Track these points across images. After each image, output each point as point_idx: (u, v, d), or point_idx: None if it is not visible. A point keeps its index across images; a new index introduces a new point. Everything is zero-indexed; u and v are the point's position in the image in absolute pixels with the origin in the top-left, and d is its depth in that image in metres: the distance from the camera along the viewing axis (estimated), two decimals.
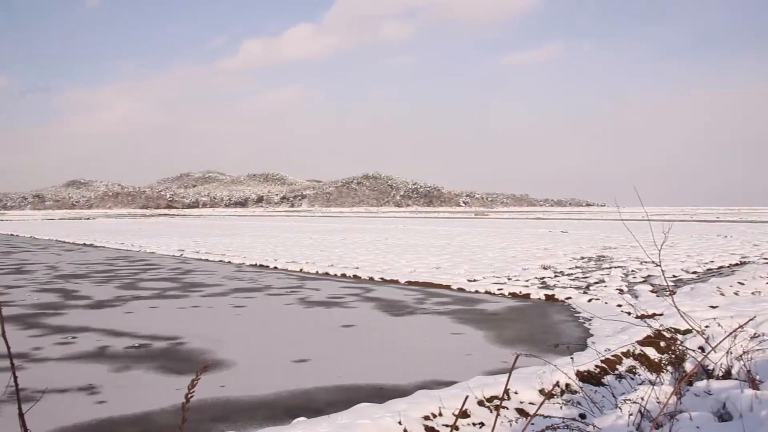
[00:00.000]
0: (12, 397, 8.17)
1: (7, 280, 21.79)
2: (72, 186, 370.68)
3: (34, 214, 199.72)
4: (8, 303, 16.24)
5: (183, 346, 11.10)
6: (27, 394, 8.25)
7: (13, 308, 15.40)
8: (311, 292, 17.68)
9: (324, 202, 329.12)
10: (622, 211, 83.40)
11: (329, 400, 7.96)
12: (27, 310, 15.22)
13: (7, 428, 7.07)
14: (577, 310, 14.31)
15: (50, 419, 7.15)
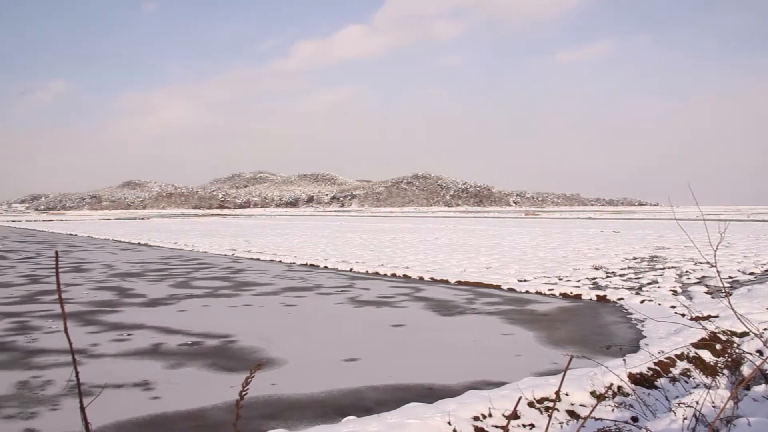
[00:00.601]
0: (71, 391, 8.40)
1: (67, 278, 22.35)
2: (127, 187, 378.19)
3: (92, 214, 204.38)
4: (68, 300, 16.66)
5: (234, 344, 11.25)
6: (85, 388, 8.46)
7: (72, 305, 15.81)
8: (361, 292, 17.76)
9: (374, 202, 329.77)
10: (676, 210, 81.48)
11: (379, 399, 8.00)
12: (85, 307, 15.61)
13: (67, 420, 7.28)
14: (629, 311, 14.10)
15: (107, 413, 7.33)
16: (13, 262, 29.73)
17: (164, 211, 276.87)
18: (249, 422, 7.07)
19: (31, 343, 11.59)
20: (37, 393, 8.48)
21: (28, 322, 13.73)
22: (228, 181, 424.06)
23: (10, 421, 7.40)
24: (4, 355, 10.66)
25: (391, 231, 53.28)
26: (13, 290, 19.26)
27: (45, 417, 7.51)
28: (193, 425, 7.18)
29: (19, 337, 12.15)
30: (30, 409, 7.81)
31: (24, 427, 7.17)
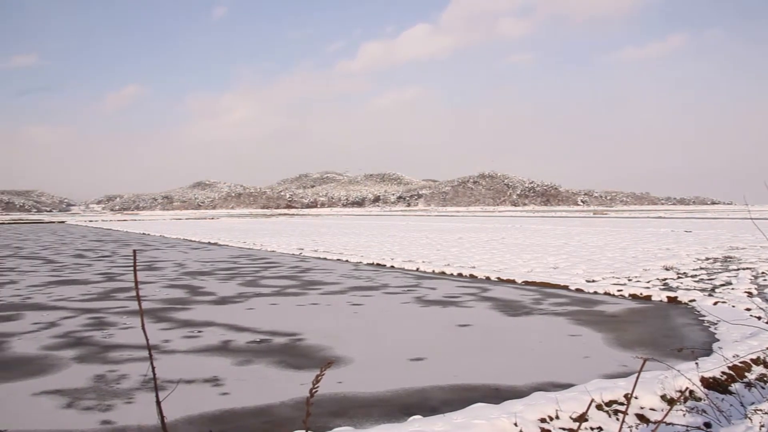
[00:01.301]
0: (145, 385, 8.66)
1: (140, 276, 22.97)
2: (197, 187, 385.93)
3: (163, 215, 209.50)
4: (142, 298, 17.01)
5: (302, 342, 11.40)
6: (158, 383, 8.69)
7: (145, 303, 16.25)
8: (427, 291, 17.77)
9: (440, 202, 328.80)
10: (752, 209, 79.15)
11: (444, 398, 8.00)
12: (158, 304, 16.03)
13: (141, 413, 7.50)
14: (701, 313, 13.76)
15: (178, 408, 7.52)
16: (90, 261, 30.73)
17: (233, 211, 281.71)
18: (316, 419, 7.16)
19: (107, 339, 11.97)
20: (112, 386, 8.77)
21: (105, 318, 14.18)
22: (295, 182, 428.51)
23: (88, 413, 7.67)
24: (82, 350, 11.05)
25: (457, 230, 53.11)
26: (90, 287, 19.91)
27: (120, 409, 7.76)
28: (260, 421, 7.32)
29: (96, 333, 12.57)
30: (106, 401, 8.09)
31: (101, 419, 7.43)
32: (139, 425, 7.19)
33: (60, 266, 27.84)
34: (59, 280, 22.13)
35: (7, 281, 22.10)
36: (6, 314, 14.98)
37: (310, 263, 26.89)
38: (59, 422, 7.37)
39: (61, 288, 19.92)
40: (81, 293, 18.52)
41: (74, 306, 16.09)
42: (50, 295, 18.16)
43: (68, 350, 11.07)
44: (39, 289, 19.65)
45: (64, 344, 11.58)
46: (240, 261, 28.77)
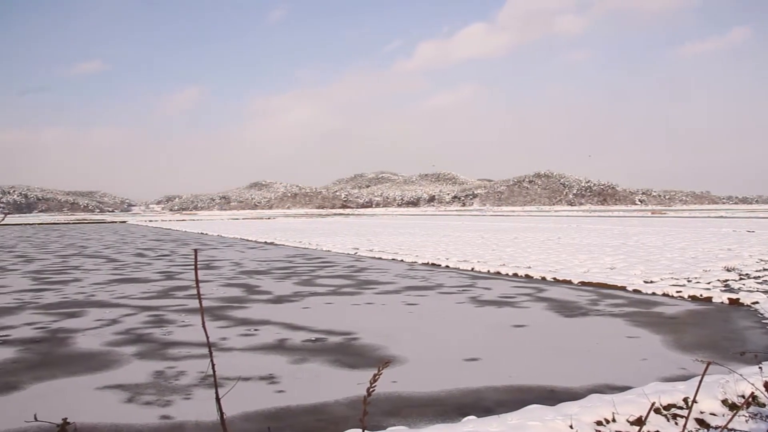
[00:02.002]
0: (202, 381, 8.84)
1: (199, 275, 23.33)
2: (254, 188, 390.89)
3: (221, 214, 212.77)
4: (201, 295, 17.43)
5: (357, 342, 11.47)
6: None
7: (203, 301, 16.51)
8: (482, 291, 17.69)
9: (495, 201, 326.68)
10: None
11: (499, 399, 7.97)
12: (215, 303, 16.30)
13: (199, 409, 7.65)
14: (765, 315, 13.39)
15: (235, 405, 7.64)
16: (150, 260, 31.40)
17: (289, 210, 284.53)
18: (370, 418, 7.19)
19: (166, 336, 12.23)
20: (171, 382, 8.96)
21: (164, 316, 14.48)
22: (350, 182, 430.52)
23: (148, 408, 7.85)
24: (142, 346, 11.31)
25: (512, 230, 52.69)
26: (150, 285, 20.35)
27: (179, 405, 7.92)
28: (315, 419, 7.39)
29: (155, 330, 12.84)
30: (165, 397, 8.27)
31: (160, 414, 7.60)
32: (196, 421, 7.33)
33: (121, 265, 28.52)
34: (121, 279, 22.68)
35: (72, 279, 22.74)
36: (71, 311, 15.42)
37: (365, 263, 27.00)
38: (121, 416, 7.56)
39: (123, 286, 20.41)
40: (141, 291, 18.95)
41: (135, 304, 16.47)
42: (112, 293, 18.63)
43: (129, 346, 11.35)
44: (102, 287, 20.17)
45: (126, 341, 11.87)
46: (296, 260, 29.05)
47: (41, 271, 25.95)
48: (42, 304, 16.73)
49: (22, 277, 23.69)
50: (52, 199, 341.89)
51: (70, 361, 10.37)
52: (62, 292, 18.99)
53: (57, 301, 17.09)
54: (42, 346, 11.59)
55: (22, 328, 13.37)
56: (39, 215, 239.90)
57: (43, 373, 9.64)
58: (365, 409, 2.29)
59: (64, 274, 24.55)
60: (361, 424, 2.27)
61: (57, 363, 10.29)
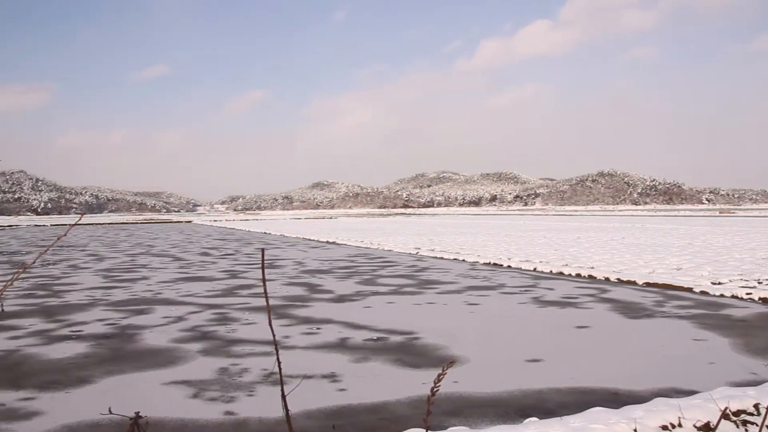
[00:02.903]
0: (266, 379, 8.98)
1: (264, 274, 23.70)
2: (316, 187, 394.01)
3: (284, 214, 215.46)
4: (263, 294, 17.71)
5: (418, 341, 11.48)
6: (278, 377, 8.98)
7: None
8: (545, 292, 17.50)
9: (558, 201, 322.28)
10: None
11: (561, 401, 7.88)
12: (278, 301, 16.52)
13: (263, 406, 7.78)
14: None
15: (298, 402, 7.74)
16: (215, 258, 32.00)
17: (350, 210, 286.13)
18: (432, 418, 7.19)
19: (230, 333, 12.45)
20: (235, 379, 9.12)
21: (228, 314, 14.74)
22: (412, 181, 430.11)
23: (212, 403, 8.02)
24: (207, 344, 11.54)
25: (575, 230, 51.95)
26: (215, 284, 20.74)
27: (243, 402, 8.06)
28: (376, 418, 7.43)
29: (220, 328, 13.09)
30: (229, 393, 8.43)
31: (224, 410, 7.74)
32: (260, 417, 7.44)
33: (187, 264, 29.13)
34: (186, 277, 23.17)
35: (140, 277, 23.33)
36: (139, 308, 15.83)
37: (427, 262, 26.98)
38: (186, 411, 7.73)
39: (188, 284, 20.85)
40: (206, 289, 19.33)
41: (200, 302, 16.81)
42: (178, 291, 19.05)
43: (194, 343, 11.60)
44: (168, 285, 20.65)
45: (191, 338, 12.13)
46: (357, 260, 29.21)
47: (111, 270, 26.70)
48: (112, 301, 17.22)
49: (94, 275, 24.42)
50: (122, 200, 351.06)
51: (138, 357, 10.66)
52: (131, 290, 19.51)
53: (126, 299, 17.57)
54: (112, 341, 11.94)
55: (93, 324, 13.79)
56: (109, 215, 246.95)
57: (113, 368, 9.93)
58: (429, 409, 2.30)
59: (133, 273, 25.21)
60: (425, 423, 2.29)
61: (126, 358, 10.59)
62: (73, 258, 34.00)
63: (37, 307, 16.24)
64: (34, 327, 13.56)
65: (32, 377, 9.51)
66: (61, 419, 7.56)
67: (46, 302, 17.17)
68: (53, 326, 13.62)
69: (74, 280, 22.87)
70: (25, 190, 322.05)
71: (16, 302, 16.99)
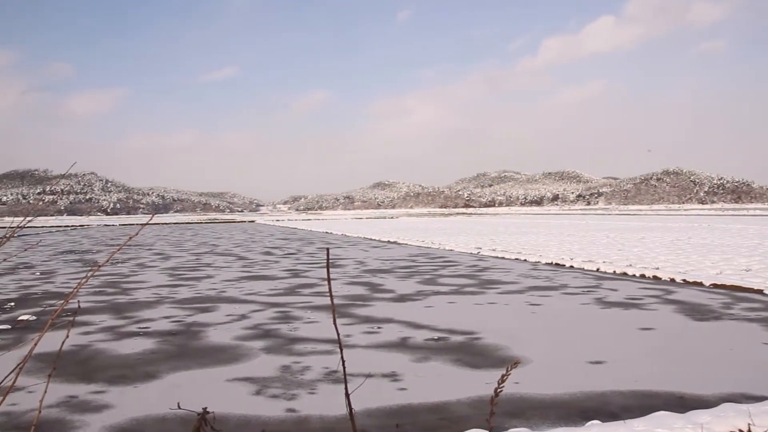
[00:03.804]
0: (327, 377, 9.06)
1: (323, 273, 23.95)
2: (377, 187, 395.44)
3: (345, 214, 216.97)
4: (325, 293, 17.88)
5: (479, 341, 11.44)
6: (339, 376, 9.08)
7: (328, 299, 16.92)
8: (608, 293, 17.23)
9: (621, 200, 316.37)
10: None
11: (625, 404, 7.75)
12: (340, 300, 16.65)
13: (324, 403, 7.86)
14: None
15: (358, 400, 7.76)
16: (277, 258, 32.42)
17: (411, 210, 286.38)
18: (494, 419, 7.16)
19: (292, 332, 12.61)
20: (297, 377, 9.23)
21: (290, 313, 14.93)
22: (473, 181, 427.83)
23: (275, 400, 8.14)
24: (270, 342, 11.71)
25: (639, 230, 50.95)
26: (277, 283, 21.02)
27: (304, 399, 8.16)
28: (437, 418, 7.43)
29: (282, 326, 13.27)
30: (291, 391, 8.54)
31: (286, 407, 7.85)
32: (321, 415, 7.52)
33: (250, 263, 29.59)
34: (249, 276, 23.53)
35: (205, 276, 23.79)
36: (204, 306, 16.16)
37: (488, 262, 26.84)
38: (249, 407, 7.87)
39: (251, 283, 21.18)
40: (269, 288, 19.60)
41: (263, 300, 17.06)
42: (241, 290, 19.37)
43: (257, 341, 11.78)
44: (232, 284, 21.01)
45: (254, 335, 12.33)
46: (418, 259, 29.22)
47: (176, 268, 27.30)
48: (177, 299, 17.61)
49: (160, 274, 25.01)
50: (187, 200, 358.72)
51: (202, 354, 10.89)
52: (195, 288, 19.92)
53: (191, 297, 17.95)
54: (177, 338, 12.22)
55: (159, 321, 14.14)
56: (174, 215, 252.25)
57: (179, 364, 10.17)
58: (492, 409, 2.30)
59: (197, 271, 25.72)
60: (488, 424, 2.29)
61: (191, 355, 10.82)
62: (141, 257, 34.87)
63: (107, 304, 16.73)
64: (104, 323, 13.98)
65: (102, 371, 9.82)
66: (129, 413, 7.79)
67: (115, 299, 17.67)
68: (122, 323, 14.02)
69: (142, 278, 23.47)
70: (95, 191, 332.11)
71: (87, 299, 17.52)
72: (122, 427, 7.32)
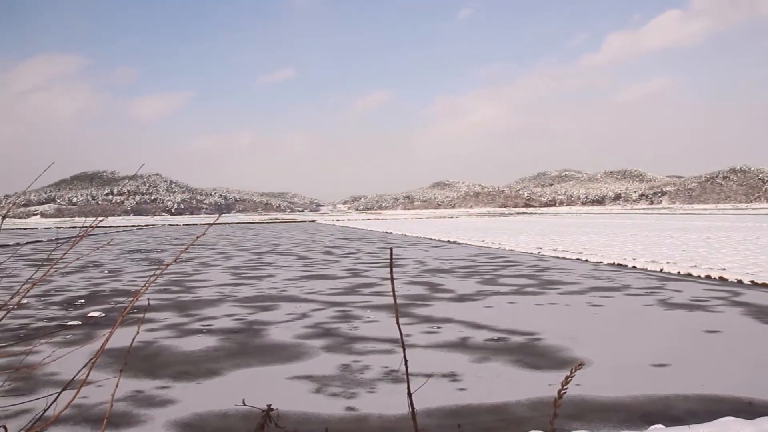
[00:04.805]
0: (386, 377, 9.10)
1: (382, 272, 24.03)
2: (437, 187, 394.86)
3: (404, 214, 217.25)
4: (386, 293, 17.95)
5: (539, 342, 11.33)
6: (399, 375, 9.11)
7: (388, 298, 17.00)
8: (672, 294, 16.87)
9: (685, 199, 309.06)
10: None
11: (689, 409, 7.59)
12: (399, 300, 16.67)
13: (383, 402, 7.90)
14: None
15: (418, 400, 7.76)
16: (337, 257, 32.64)
17: (471, 210, 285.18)
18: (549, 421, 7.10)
19: (352, 331, 12.69)
20: (356, 376, 9.30)
21: (350, 312, 15.03)
22: (533, 180, 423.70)
23: (334, 399, 8.22)
24: (330, 340, 11.81)
25: (705, 229, 49.70)
26: (337, 282, 21.17)
27: (363, 398, 8.22)
28: (496, 419, 7.40)
29: (342, 325, 13.37)
30: (351, 389, 8.61)
31: (345, 405, 7.92)
32: (380, 414, 7.56)
33: (311, 262, 29.87)
34: (310, 275, 23.76)
35: (266, 275, 24.12)
36: (265, 304, 16.38)
37: (549, 262, 26.55)
38: (309, 405, 7.96)
39: (312, 282, 21.38)
40: (329, 287, 19.75)
41: (323, 299, 17.21)
42: (302, 289, 19.58)
43: (317, 340, 11.90)
44: (292, 283, 21.25)
45: (314, 334, 12.46)
46: (478, 259, 29.08)
47: (238, 267, 27.74)
48: (239, 297, 17.90)
49: (222, 272, 25.45)
50: (248, 200, 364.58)
51: (264, 352, 11.05)
52: (257, 287, 20.21)
53: (252, 295, 18.22)
54: (239, 336, 12.43)
55: (222, 319, 14.40)
56: (236, 215, 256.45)
57: (241, 362, 10.34)
58: (555, 411, 2.29)
59: (259, 270, 26.09)
60: (551, 426, 2.28)
61: (252, 352, 10.99)
62: (204, 256, 35.54)
63: (171, 302, 17.11)
64: (169, 320, 14.31)
65: (167, 367, 10.05)
66: (192, 408, 7.96)
67: (179, 297, 18.05)
68: (186, 320, 14.33)
69: (204, 276, 23.91)
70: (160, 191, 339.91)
71: (152, 297, 17.94)
72: (185, 422, 7.49)
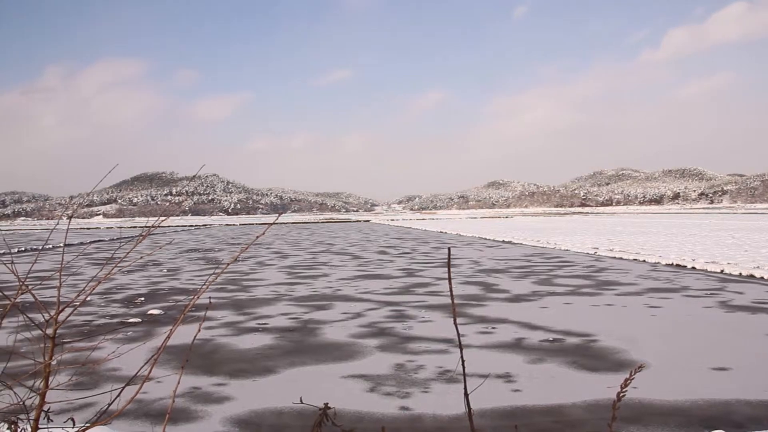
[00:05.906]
0: (440, 376, 9.10)
1: (437, 272, 24.02)
2: (492, 187, 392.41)
3: (459, 213, 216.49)
4: (440, 293, 17.95)
5: (596, 344, 11.20)
6: (453, 375, 9.11)
7: (443, 298, 16.99)
8: (733, 296, 16.48)
9: (747, 198, 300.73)
10: None
11: (752, 415, 7.41)
12: (455, 300, 16.60)
13: (437, 402, 7.91)
14: None
15: (472, 401, 7.75)
16: (392, 257, 32.73)
17: (526, 209, 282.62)
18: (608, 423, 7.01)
19: (406, 331, 12.73)
20: (411, 375, 9.32)
21: (405, 311, 15.06)
22: (589, 179, 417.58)
23: (388, 398, 8.25)
24: (385, 340, 11.86)
25: (767, 229, 48.41)
26: (392, 282, 21.23)
27: (417, 398, 8.23)
28: (551, 420, 7.34)
29: (397, 324, 13.41)
30: (405, 389, 8.63)
31: (399, 405, 7.95)
32: (434, 414, 7.57)
33: (365, 262, 30.01)
34: (364, 275, 23.87)
35: (321, 274, 24.32)
36: (320, 304, 16.53)
37: (605, 263, 26.18)
38: (363, 404, 8.01)
39: (366, 282, 21.48)
40: (383, 287, 19.82)
41: (377, 299, 17.28)
42: (357, 288, 19.69)
43: (372, 339, 11.96)
44: (347, 282, 21.39)
45: (368, 333, 12.52)
46: (533, 259, 28.84)
47: (294, 267, 28.03)
48: (295, 296, 18.09)
49: (278, 272, 25.75)
50: (304, 200, 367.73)
51: (318, 350, 11.15)
52: (312, 286, 20.40)
53: (307, 294, 18.40)
54: (294, 334, 12.57)
55: (278, 317, 14.58)
56: (292, 215, 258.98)
57: (296, 360, 10.46)
58: (614, 414, 2.28)
59: (314, 270, 26.32)
60: (609, 429, 2.27)
61: (307, 351, 11.11)
62: (260, 255, 35.98)
63: (228, 301, 17.39)
64: (226, 319, 14.55)
65: (224, 365, 10.23)
66: (249, 405, 8.09)
67: (236, 296, 18.33)
68: (242, 318, 14.55)
69: (261, 276, 24.23)
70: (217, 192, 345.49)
71: (210, 295, 18.25)
72: (241, 419, 7.62)
